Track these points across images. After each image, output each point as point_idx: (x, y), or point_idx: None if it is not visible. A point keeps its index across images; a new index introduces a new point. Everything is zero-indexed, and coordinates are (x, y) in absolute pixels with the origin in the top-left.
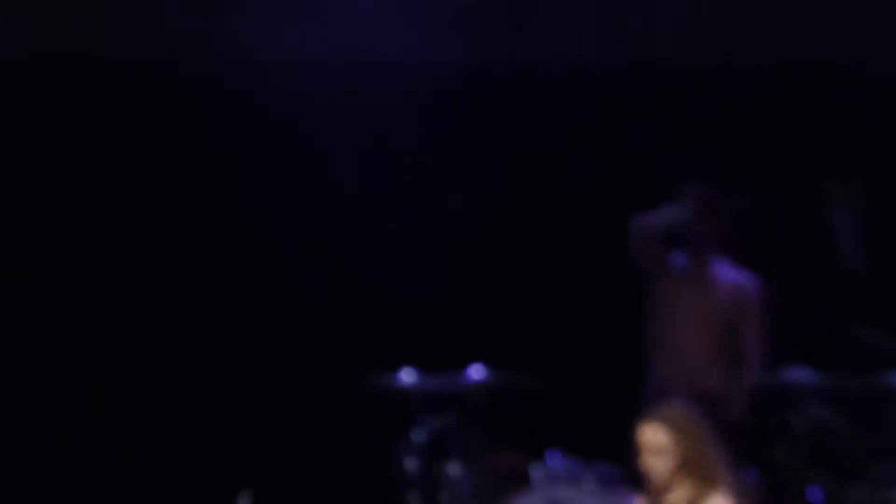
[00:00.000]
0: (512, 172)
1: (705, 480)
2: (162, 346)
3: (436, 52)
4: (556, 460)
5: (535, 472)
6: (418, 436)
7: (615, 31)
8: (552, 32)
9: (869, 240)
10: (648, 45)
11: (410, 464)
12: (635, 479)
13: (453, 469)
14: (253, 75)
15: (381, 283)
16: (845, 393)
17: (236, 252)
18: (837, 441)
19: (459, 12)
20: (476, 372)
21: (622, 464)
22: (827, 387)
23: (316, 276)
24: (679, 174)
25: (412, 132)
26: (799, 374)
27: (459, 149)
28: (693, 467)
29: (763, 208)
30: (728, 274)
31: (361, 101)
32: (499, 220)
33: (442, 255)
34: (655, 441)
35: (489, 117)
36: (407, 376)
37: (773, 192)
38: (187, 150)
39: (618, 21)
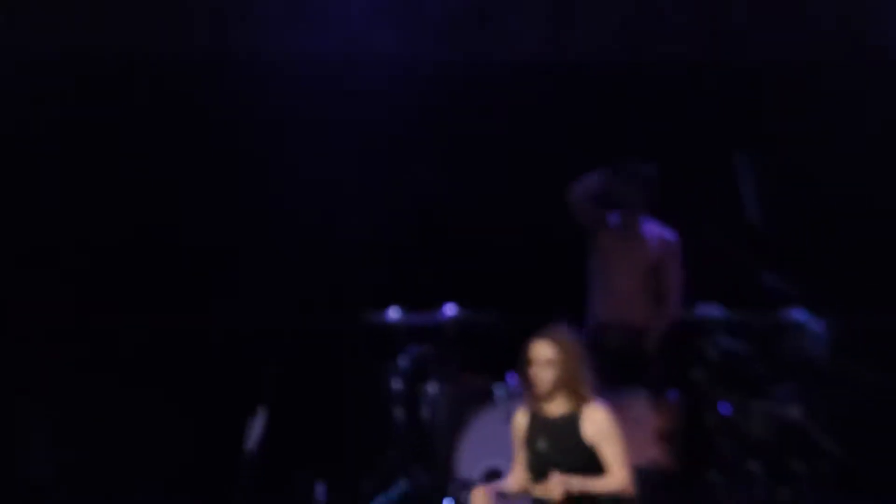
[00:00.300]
0: (480, 150)
1: (579, 393)
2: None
3: (417, 51)
4: (513, 380)
5: (498, 390)
6: (403, 361)
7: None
8: (514, 33)
9: (767, 200)
10: (594, 44)
11: (396, 384)
12: None
13: (431, 388)
14: (259, 71)
15: (374, 238)
16: (749, 326)
17: (244, 214)
18: (743, 365)
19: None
20: (450, 309)
21: None
22: (734, 320)
23: (323, 231)
24: (616, 152)
25: (397, 116)
26: (711, 310)
27: (436, 128)
28: (570, 380)
29: (686, 176)
30: (653, 229)
31: (354, 91)
32: (470, 189)
33: (426, 218)
34: (543, 354)
35: (460, 104)
36: (394, 313)
37: (696, 163)
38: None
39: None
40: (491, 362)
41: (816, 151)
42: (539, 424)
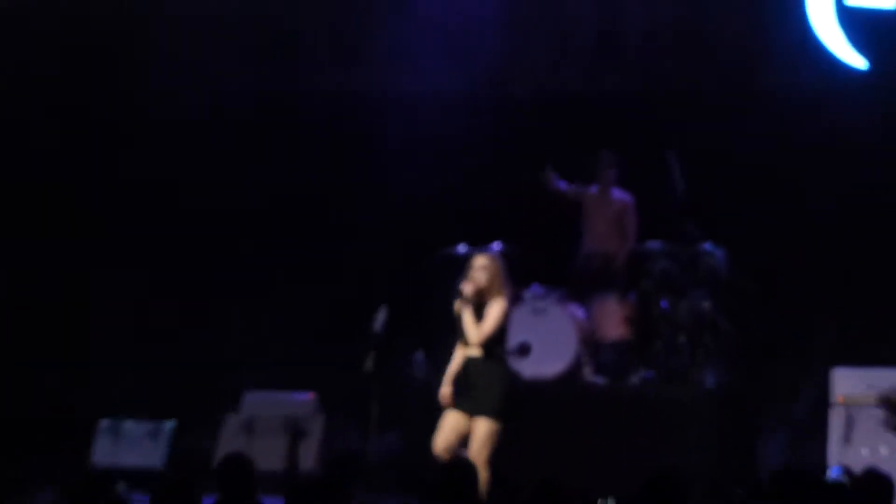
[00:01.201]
0: (506, 157)
1: (498, 291)
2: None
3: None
4: (537, 288)
5: (526, 294)
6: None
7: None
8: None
9: (683, 179)
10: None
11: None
12: (572, 297)
13: None
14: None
15: (448, 199)
16: (678, 254)
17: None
18: (673, 278)
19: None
20: (497, 245)
21: (568, 289)
22: (668, 250)
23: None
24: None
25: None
26: (654, 244)
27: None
28: (494, 282)
29: (642, 168)
30: (617, 193)
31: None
32: (500, 178)
33: (478, 191)
34: (480, 262)
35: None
36: (461, 249)
37: (649, 159)
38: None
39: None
40: (521, 278)
41: (715, 153)
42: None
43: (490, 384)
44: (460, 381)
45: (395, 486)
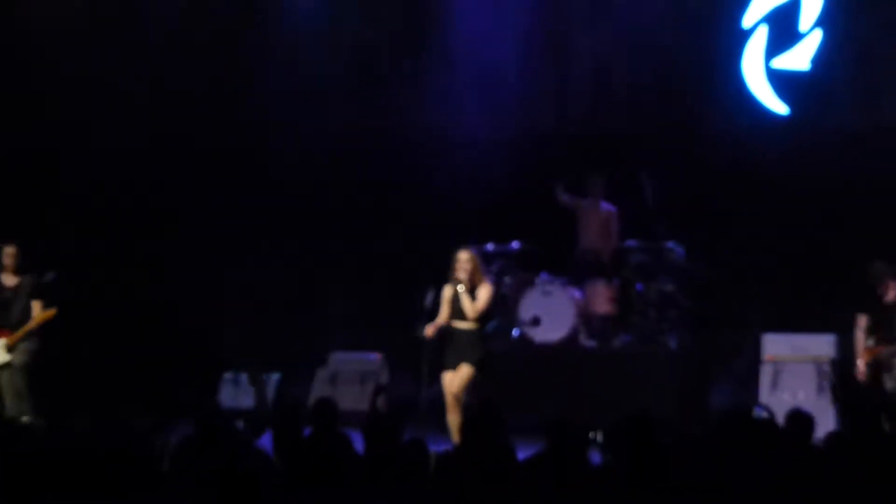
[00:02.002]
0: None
1: (481, 277)
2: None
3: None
4: (545, 276)
5: (537, 280)
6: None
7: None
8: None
9: (653, 191)
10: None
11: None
12: (571, 282)
13: (507, 280)
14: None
15: (479, 209)
16: (649, 249)
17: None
18: (646, 267)
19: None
20: (516, 244)
21: (568, 277)
22: (643, 247)
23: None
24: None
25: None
26: (631, 242)
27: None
28: (477, 270)
29: (622, 185)
30: (605, 206)
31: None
32: (522, 193)
33: (501, 202)
34: (464, 256)
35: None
36: (489, 246)
37: (627, 180)
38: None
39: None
40: (532, 268)
41: (675, 175)
42: (456, 293)
43: (473, 345)
44: (453, 348)
45: (438, 426)
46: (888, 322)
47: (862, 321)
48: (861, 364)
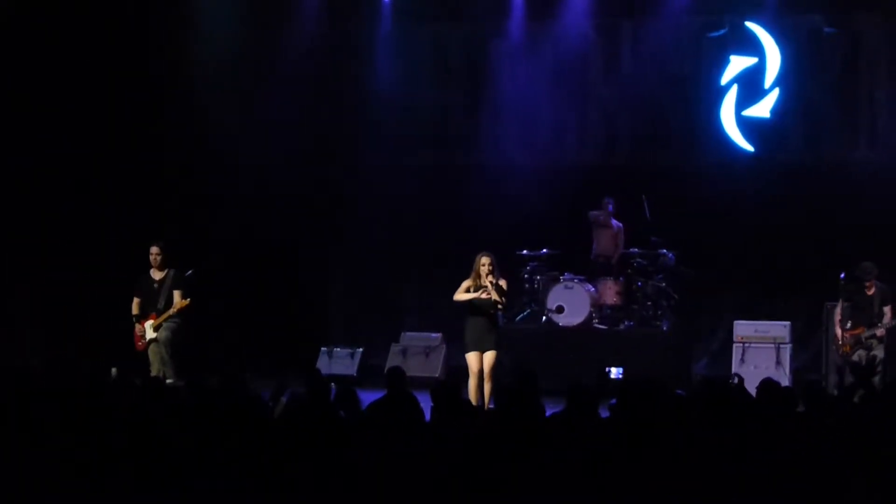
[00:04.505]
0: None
1: (501, 275)
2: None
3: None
4: (568, 275)
5: (562, 278)
6: (526, 271)
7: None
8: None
9: (651, 210)
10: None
11: (531, 276)
12: (588, 280)
13: (540, 277)
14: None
15: (515, 221)
16: (647, 255)
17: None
18: (644, 269)
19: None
20: (545, 250)
21: (585, 276)
22: (642, 253)
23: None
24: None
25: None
26: (634, 250)
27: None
28: (496, 270)
29: (628, 205)
30: (614, 222)
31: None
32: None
33: (532, 217)
34: (487, 260)
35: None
36: (524, 252)
37: (632, 201)
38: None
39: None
40: (557, 268)
41: (668, 199)
42: (479, 284)
43: (491, 331)
44: (477, 333)
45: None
46: (868, 309)
47: (838, 309)
48: (841, 337)
